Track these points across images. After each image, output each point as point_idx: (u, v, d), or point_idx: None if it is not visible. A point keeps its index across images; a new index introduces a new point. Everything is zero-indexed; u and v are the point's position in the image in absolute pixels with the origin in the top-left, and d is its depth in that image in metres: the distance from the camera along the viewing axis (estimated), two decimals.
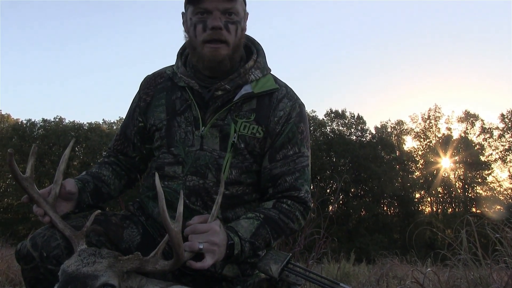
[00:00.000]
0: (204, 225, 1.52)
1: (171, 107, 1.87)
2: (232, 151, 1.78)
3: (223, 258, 1.59)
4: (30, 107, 68.45)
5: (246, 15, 1.84)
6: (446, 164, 43.90)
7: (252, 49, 1.91)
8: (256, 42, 1.95)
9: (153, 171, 1.92)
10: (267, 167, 1.83)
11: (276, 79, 1.90)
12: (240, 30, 1.77)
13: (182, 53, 1.93)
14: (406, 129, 47.48)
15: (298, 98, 1.90)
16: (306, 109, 1.94)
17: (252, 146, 1.80)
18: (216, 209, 1.56)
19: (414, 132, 47.11)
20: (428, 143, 46.07)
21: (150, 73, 2.03)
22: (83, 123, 45.38)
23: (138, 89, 2.03)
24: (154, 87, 1.95)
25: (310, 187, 1.89)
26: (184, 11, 1.84)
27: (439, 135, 45.80)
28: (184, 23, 1.85)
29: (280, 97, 1.85)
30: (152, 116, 1.91)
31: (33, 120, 44.12)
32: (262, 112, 1.81)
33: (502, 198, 41.42)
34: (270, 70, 1.91)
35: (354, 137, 44.53)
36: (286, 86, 1.91)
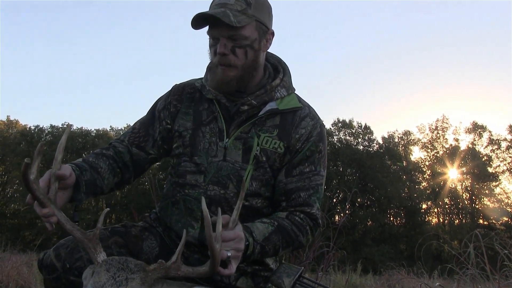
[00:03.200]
0: (231, 233, 1.55)
1: (198, 117, 1.93)
2: (254, 163, 1.83)
3: None
4: (38, 113, 68.93)
5: (266, 33, 1.85)
6: (453, 175, 43.73)
7: (279, 68, 1.98)
8: (283, 62, 2.01)
9: (173, 179, 1.95)
10: (282, 181, 1.87)
11: (300, 99, 1.96)
12: (251, 53, 1.79)
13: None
14: (413, 140, 47.35)
15: (319, 119, 1.95)
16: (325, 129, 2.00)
17: (272, 160, 1.85)
18: (237, 214, 1.59)
19: (422, 142, 46.99)
20: (435, 154, 45.89)
21: (179, 82, 2.08)
22: (91, 129, 45.68)
23: (167, 92, 2.07)
24: (184, 96, 2.01)
25: (321, 205, 1.93)
26: None
27: (447, 146, 45.65)
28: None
29: (303, 116, 1.90)
30: (178, 122, 1.96)
31: (41, 126, 44.50)
32: (285, 128, 1.87)
33: (510, 210, 41.13)
34: (294, 90, 1.97)
35: (361, 147, 44.43)
36: (309, 106, 1.96)
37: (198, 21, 1.74)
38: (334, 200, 39.06)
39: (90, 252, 1.42)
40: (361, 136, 44.87)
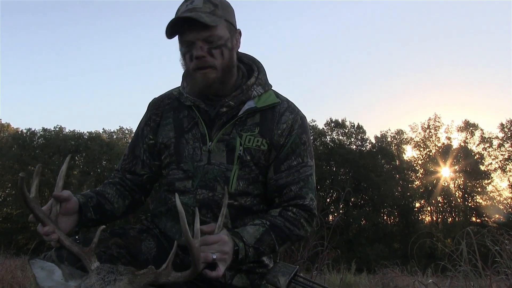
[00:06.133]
0: (214, 236, 1.58)
1: (179, 125, 1.96)
2: (239, 163, 1.86)
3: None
4: (30, 116, 68.75)
5: (235, 33, 1.89)
6: (446, 173, 43.98)
7: (253, 67, 2.00)
8: (256, 60, 2.04)
9: (164, 187, 1.99)
10: (272, 178, 1.91)
11: (277, 94, 1.99)
12: (227, 52, 1.83)
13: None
14: (406, 139, 47.56)
15: (299, 111, 1.98)
16: (307, 120, 2.03)
17: (257, 158, 1.88)
18: (221, 220, 1.62)
19: (414, 141, 47.19)
20: (428, 153, 46.09)
21: (157, 96, 2.11)
22: (83, 132, 45.50)
23: (146, 109, 2.10)
24: (162, 108, 2.04)
25: (315, 194, 1.96)
26: None
27: (439, 145, 45.85)
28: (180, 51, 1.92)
29: (282, 111, 1.93)
30: (161, 134, 1.99)
31: (33, 129, 44.18)
32: (266, 125, 1.90)
33: (502, 207, 41.41)
34: (271, 86, 2.00)
35: (354, 147, 44.58)
36: (287, 100, 1.99)
37: (173, 28, 1.77)
38: (328, 200, 39.15)
39: (85, 262, 1.48)
40: (354, 135, 45.02)
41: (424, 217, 44.05)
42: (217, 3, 1.81)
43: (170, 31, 1.78)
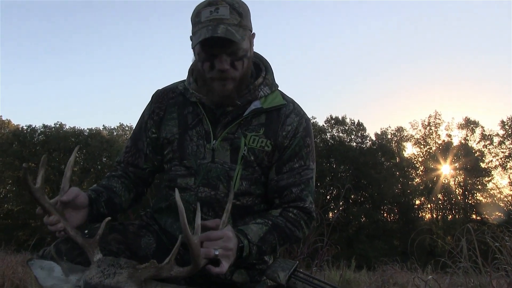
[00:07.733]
0: (218, 232, 1.56)
1: (183, 121, 1.95)
2: (242, 163, 1.86)
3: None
4: (31, 113, 68.64)
5: (252, 37, 1.85)
6: (446, 170, 43.87)
7: (261, 66, 1.99)
8: (264, 59, 2.02)
9: (165, 183, 1.98)
10: (274, 179, 1.91)
11: (283, 95, 1.99)
12: (247, 62, 1.80)
13: (194, 70, 1.98)
14: (406, 136, 47.43)
15: (304, 114, 1.98)
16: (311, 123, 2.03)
17: (261, 159, 1.88)
18: (226, 216, 1.61)
19: (414, 138, 47.06)
20: (428, 150, 46.00)
21: (160, 88, 2.09)
22: (84, 129, 45.33)
23: (149, 101, 2.08)
24: (166, 102, 2.02)
25: (313, 198, 1.97)
26: (191, 34, 1.84)
27: (439, 142, 45.74)
28: (192, 47, 1.84)
29: (288, 113, 1.93)
30: (164, 129, 1.98)
31: (33, 126, 43.97)
32: (271, 126, 1.89)
33: (502, 205, 41.37)
34: (277, 86, 1.99)
35: (354, 144, 44.48)
36: (293, 102, 1.99)
37: (205, 45, 1.71)
38: (328, 197, 39.13)
39: (89, 254, 1.49)
40: (354, 132, 44.92)
41: (424, 214, 44.00)
42: (241, 12, 1.75)
43: (202, 47, 1.72)
